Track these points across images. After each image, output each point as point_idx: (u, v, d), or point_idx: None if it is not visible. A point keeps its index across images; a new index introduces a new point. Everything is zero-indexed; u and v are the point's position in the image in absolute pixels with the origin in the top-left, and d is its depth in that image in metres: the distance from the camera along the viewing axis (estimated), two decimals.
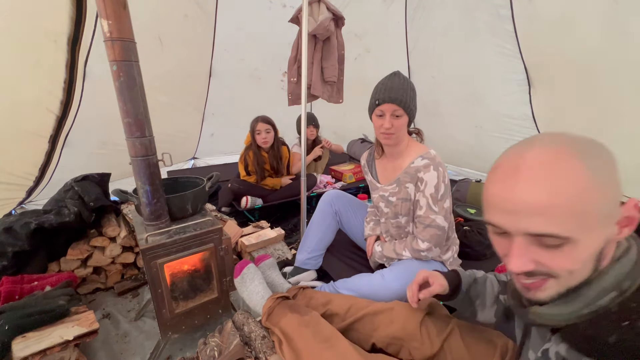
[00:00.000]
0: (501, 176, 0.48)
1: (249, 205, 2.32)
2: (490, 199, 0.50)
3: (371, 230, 1.42)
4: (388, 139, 1.17)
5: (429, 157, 1.16)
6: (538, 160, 0.45)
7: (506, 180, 0.47)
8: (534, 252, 0.46)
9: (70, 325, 1.09)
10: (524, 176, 0.45)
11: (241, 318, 1.05)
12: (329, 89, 1.95)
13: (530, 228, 0.44)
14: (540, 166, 0.44)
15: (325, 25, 1.75)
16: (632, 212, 0.47)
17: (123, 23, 0.95)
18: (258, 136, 2.32)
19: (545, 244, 0.45)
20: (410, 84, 1.14)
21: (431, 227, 1.16)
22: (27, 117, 1.81)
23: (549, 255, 0.45)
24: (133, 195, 1.20)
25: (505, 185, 0.47)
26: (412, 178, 1.18)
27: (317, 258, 1.51)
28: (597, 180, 0.43)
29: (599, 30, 1.78)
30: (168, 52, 2.50)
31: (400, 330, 0.88)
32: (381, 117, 1.15)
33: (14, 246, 1.34)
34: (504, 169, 0.48)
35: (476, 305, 0.86)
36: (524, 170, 0.45)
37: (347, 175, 2.88)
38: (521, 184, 0.45)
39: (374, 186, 1.34)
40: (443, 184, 1.14)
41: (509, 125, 2.59)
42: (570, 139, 0.47)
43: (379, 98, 1.13)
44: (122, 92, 0.99)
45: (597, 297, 0.47)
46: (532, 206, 0.44)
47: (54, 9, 1.60)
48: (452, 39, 2.76)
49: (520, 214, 0.45)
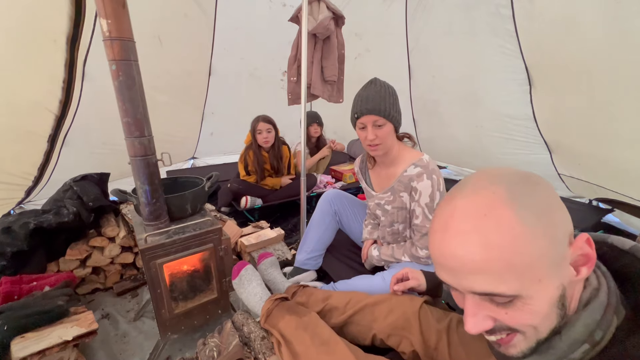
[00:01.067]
0: (436, 229, 0.45)
1: (249, 206, 2.32)
2: (432, 254, 0.47)
3: (368, 234, 1.42)
4: (375, 150, 1.14)
5: (421, 164, 1.13)
6: (465, 213, 0.42)
7: (439, 235, 0.44)
8: (487, 308, 0.43)
9: (69, 326, 1.09)
10: (453, 231, 0.42)
11: (241, 318, 1.05)
12: (329, 89, 1.94)
13: (474, 287, 0.41)
14: (467, 219, 0.41)
15: (325, 24, 1.74)
16: (586, 249, 0.43)
17: (122, 22, 0.94)
18: (259, 136, 2.31)
19: (496, 302, 0.42)
20: (389, 90, 1.10)
21: (427, 236, 1.15)
22: (26, 117, 1.81)
23: (504, 311, 0.42)
24: (132, 195, 1.20)
25: (440, 241, 0.44)
26: (406, 187, 1.16)
27: (317, 258, 1.51)
28: (532, 227, 0.39)
29: (600, 29, 1.78)
30: (168, 52, 2.49)
31: (400, 318, 0.89)
32: (364, 130, 1.12)
33: (12, 246, 1.34)
34: (438, 220, 0.46)
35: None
36: (452, 225, 0.42)
37: (347, 175, 2.88)
38: (452, 239, 0.42)
39: (369, 194, 1.34)
40: (438, 192, 1.12)
41: (509, 125, 2.59)
42: (497, 183, 0.42)
43: (357, 111, 1.10)
44: (121, 91, 0.99)
45: (568, 350, 0.43)
46: (467, 263, 0.41)
47: (53, 8, 1.60)
48: (453, 38, 2.76)
49: (459, 272, 0.42)
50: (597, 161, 2.19)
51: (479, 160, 3.02)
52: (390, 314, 0.91)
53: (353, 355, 0.80)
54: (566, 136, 2.33)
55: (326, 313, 1.00)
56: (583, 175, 2.35)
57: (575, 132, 2.24)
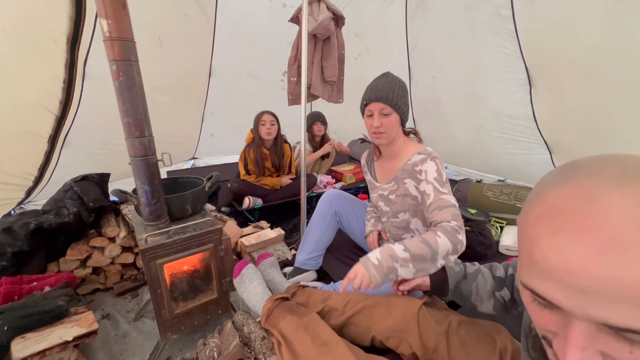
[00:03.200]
0: (567, 233, 0.30)
1: (251, 206, 2.32)
2: (542, 261, 0.32)
3: (372, 226, 1.41)
4: (380, 138, 1.17)
5: (425, 152, 1.16)
6: (628, 216, 0.28)
7: (578, 243, 0.30)
8: (604, 343, 0.31)
9: (70, 326, 1.09)
10: (611, 240, 0.28)
11: (241, 319, 1.05)
12: (329, 89, 1.94)
13: (611, 319, 0.29)
14: (632, 226, 0.27)
15: (325, 24, 1.74)
16: None
17: (122, 23, 0.94)
18: (262, 127, 2.30)
19: (627, 337, 0.29)
20: (400, 83, 1.14)
21: (447, 208, 1.01)
22: (26, 117, 1.81)
23: (628, 350, 0.30)
24: (132, 196, 1.20)
25: (578, 251, 0.29)
26: (410, 174, 1.17)
27: (317, 258, 1.51)
28: None
29: (600, 29, 1.78)
30: (168, 52, 2.49)
31: (398, 321, 0.88)
32: (371, 117, 1.16)
33: (13, 246, 1.34)
34: (570, 219, 0.31)
35: (473, 300, 0.87)
36: (609, 230, 0.28)
37: (348, 176, 2.88)
38: (604, 253, 0.28)
39: (373, 185, 1.34)
40: (442, 170, 1.12)
41: (509, 125, 2.59)
42: None
43: (366, 98, 1.15)
44: (121, 92, 0.99)
45: None
46: (620, 289, 0.28)
47: (53, 8, 1.60)
48: (453, 38, 2.76)
49: (596, 296, 0.29)
50: None
51: (479, 161, 3.02)
52: (389, 317, 0.91)
53: (353, 356, 0.80)
54: (566, 136, 2.33)
55: (325, 314, 1.00)
56: None
57: (575, 132, 2.24)
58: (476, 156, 3.02)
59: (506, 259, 1.52)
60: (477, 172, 3.06)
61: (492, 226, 1.83)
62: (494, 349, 0.77)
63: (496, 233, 1.79)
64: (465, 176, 2.89)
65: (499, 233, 1.80)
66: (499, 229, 1.83)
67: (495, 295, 0.83)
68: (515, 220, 1.87)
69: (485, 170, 3.00)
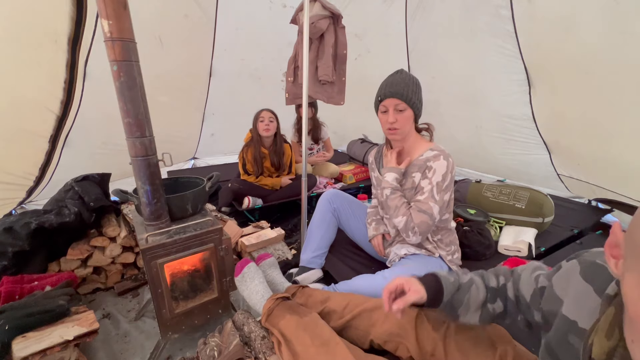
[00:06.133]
0: None
1: (251, 206, 2.32)
2: None
3: (375, 230, 1.42)
4: (394, 133, 1.19)
5: (438, 149, 1.18)
6: None
7: None
8: None
9: (70, 325, 1.10)
10: None
11: (241, 318, 1.05)
12: (328, 90, 1.93)
13: None
14: None
15: (312, 22, 1.71)
16: None
17: (123, 23, 0.95)
18: (261, 124, 2.28)
19: None
20: (414, 79, 1.17)
21: (424, 214, 1.15)
22: (27, 117, 1.81)
23: None
24: (133, 195, 1.20)
25: None
26: (420, 168, 1.19)
27: (322, 256, 1.51)
28: None
29: (599, 30, 1.78)
30: (168, 52, 2.50)
31: (395, 326, 0.89)
32: (385, 113, 1.17)
33: (14, 246, 1.34)
34: None
35: (458, 311, 0.79)
36: None
37: (347, 176, 2.88)
38: None
39: (380, 181, 1.34)
40: (450, 174, 1.15)
41: (509, 126, 2.59)
42: None
43: (381, 94, 1.16)
44: (122, 92, 0.99)
45: None
46: None
47: (54, 8, 1.61)
48: (453, 39, 2.76)
49: None
50: (596, 161, 2.19)
51: (479, 161, 3.02)
52: (387, 321, 0.91)
53: (353, 356, 0.80)
54: (565, 136, 2.34)
55: (324, 316, 1.00)
56: (582, 175, 2.35)
57: (574, 132, 2.24)
58: (475, 156, 3.02)
59: (505, 259, 1.53)
60: (477, 172, 3.06)
61: (491, 226, 1.83)
62: (494, 354, 0.76)
63: (495, 233, 1.79)
64: (465, 176, 2.90)
65: (498, 233, 1.80)
66: (498, 229, 1.83)
67: (485, 307, 0.78)
68: (514, 220, 1.87)
69: (484, 171, 3.01)
